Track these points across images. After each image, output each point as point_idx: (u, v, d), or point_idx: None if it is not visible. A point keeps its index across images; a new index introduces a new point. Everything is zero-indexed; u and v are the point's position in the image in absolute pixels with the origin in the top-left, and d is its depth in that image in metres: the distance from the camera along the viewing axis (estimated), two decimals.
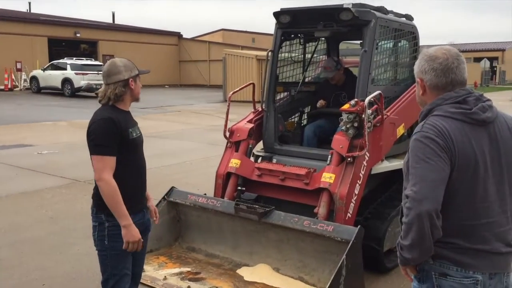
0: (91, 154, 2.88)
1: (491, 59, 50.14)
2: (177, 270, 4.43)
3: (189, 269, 4.45)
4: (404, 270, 2.10)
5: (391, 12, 5.15)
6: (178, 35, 40.69)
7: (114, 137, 2.86)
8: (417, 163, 1.92)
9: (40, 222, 5.97)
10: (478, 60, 48.63)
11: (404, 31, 5.27)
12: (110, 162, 2.85)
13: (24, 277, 4.41)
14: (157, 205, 4.68)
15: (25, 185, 7.65)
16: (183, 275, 4.33)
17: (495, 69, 51.69)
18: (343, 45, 6.74)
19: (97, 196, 2.95)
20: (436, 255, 1.99)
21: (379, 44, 4.91)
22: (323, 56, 6.22)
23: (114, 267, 2.98)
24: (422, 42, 5.65)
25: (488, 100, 2.03)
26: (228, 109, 5.12)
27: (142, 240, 2.96)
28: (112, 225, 2.91)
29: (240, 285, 4.19)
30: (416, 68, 2.11)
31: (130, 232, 2.87)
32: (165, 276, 4.25)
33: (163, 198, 4.85)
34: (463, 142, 1.94)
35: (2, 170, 8.73)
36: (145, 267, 3.81)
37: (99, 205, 2.94)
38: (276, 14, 5.04)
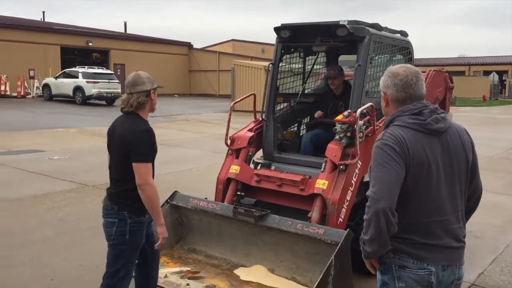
0: (136, 161, 3.17)
1: (501, 73, 50.07)
2: (177, 269, 4.69)
3: (188, 269, 4.70)
4: (369, 263, 2.35)
5: (386, 28, 5.42)
6: (188, 45, 41.28)
7: (152, 146, 3.27)
8: (376, 167, 2.18)
9: (50, 223, 6.26)
10: (487, 73, 48.64)
11: (398, 46, 5.53)
12: (151, 168, 3.22)
13: (34, 273, 4.69)
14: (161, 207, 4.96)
15: (36, 189, 7.96)
16: (183, 274, 4.59)
17: (504, 82, 51.57)
18: (349, 57, 6.97)
19: (120, 196, 3.28)
20: (395, 250, 2.25)
21: (374, 58, 5.18)
22: (322, 69, 6.49)
23: (129, 259, 3.33)
24: (433, 55, 5.92)
25: (443, 112, 2.30)
26: (229, 118, 5.39)
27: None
28: (135, 222, 3.26)
29: (236, 284, 4.43)
30: (381, 83, 2.38)
31: (165, 229, 3.29)
32: (166, 274, 4.51)
33: (166, 201, 5.11)
34: (417, 148, 2.19)
35: (14, 174, 9.06)
36: None
37: (121, 203, 3.27)
38: (277, 29, 5.32)
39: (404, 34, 5.74)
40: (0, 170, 9.41)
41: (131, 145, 3.17)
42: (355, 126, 4.48)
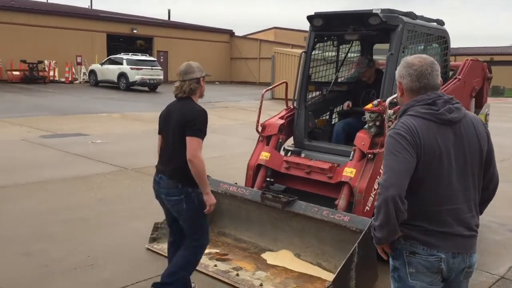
0: (190, 135, 3.51)
1: None
2: (206, 250, 4.83)
3: (217, 251, 4.85)
4: (380, 248, 2.40)
5: (421, 17, 5.34)
6: (230, 32, 41.49)
7: (206, 125, 3.61)
8: (388, 155, 2.23)
9: (89, 203, 6.56)
10: None
11: (433, 35, 5.44)
12: (202, 144, 3.58)
13: (72, 249, 4.96)
14: None
15: (78, 171, 8.33)
16: (212, 255, 4.75)
17: None
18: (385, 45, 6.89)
19: (181, 174, 3.58)
20: (406, 236, 2.29)
21: (408, 47, 5.12)
22: (357, 57, 6.46)
23: (204, 224, 3.79)
24: (479, 43, 5.77)
25: (457, 103, 2.30)
26: (260, 105, 5.49)
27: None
28: (197, 194, 3.65)
29: (262, 267, 4.55)
30: (396, 73, 2.41)
31: (211, 197, 3.66)
32: None
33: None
34: (429, 138, 2.22)
35: (59, 156, 9.50)
36: None
37: (184, 179, 3.60)
38: (310, 18, 5.35)
39: (440, 22, 5.65)
40: (47, 152, 9.88)
41: (189, 121, 3.52)
42: (384, 115, 4.48)
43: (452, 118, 2.25)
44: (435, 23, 5.58)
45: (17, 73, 26.87)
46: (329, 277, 4.31)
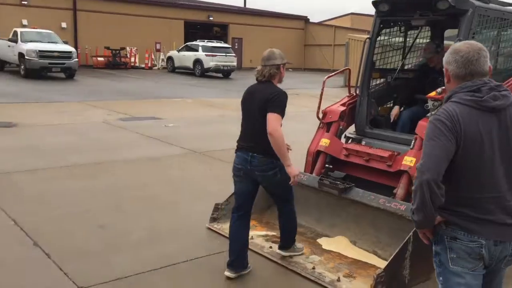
0: (272, 112, 3.79)
1: None
2: (263, 232, 4.99)
3: (274, 233, 4.96)
4: (422, 233, 2.41)
5: (495, 0, 5.08)
6: (305, 19, 41.14)
7: (285, 105, 3.91)
8: (427, 141, 2.24)
9: (158, 183, 6.92)
10: None
11: (509, 20, 5.16)
12: (281, 120, 3.86)
13: (136, 223, 5.29)
14: None
15: (151, 152, 8.78)
16: (268, 237, 4.87)
17: None
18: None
19: (272, 151, 3.82)
20: (448, 222, 2.30)
21: (480, 32, 4.90)
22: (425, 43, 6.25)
23: (290, 189, 4.18)
24: None
25: (505, 90, 2.23)
26: (322, 92, 5.50)
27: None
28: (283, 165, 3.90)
29: (317, 252, 4.61)
30: (444, 59, 2.38)
31: (293, 169, 3.89)
32: (252, 236, 4.81)
33: None
34: (470, 125, 2.19)
35: (135, 138, 10.04)
36: None
37: (275, 154, 3.85)
38: (375, 3, 5.26)
39: None
40: (124, 134, 10.47)
41: (270, 100, 3.80)
42: None
43: (496, 106, 2.20)
44: (511, 7, 5.27)
45: (101, 59, 28.47)
46: (384, 265, 4.29)
